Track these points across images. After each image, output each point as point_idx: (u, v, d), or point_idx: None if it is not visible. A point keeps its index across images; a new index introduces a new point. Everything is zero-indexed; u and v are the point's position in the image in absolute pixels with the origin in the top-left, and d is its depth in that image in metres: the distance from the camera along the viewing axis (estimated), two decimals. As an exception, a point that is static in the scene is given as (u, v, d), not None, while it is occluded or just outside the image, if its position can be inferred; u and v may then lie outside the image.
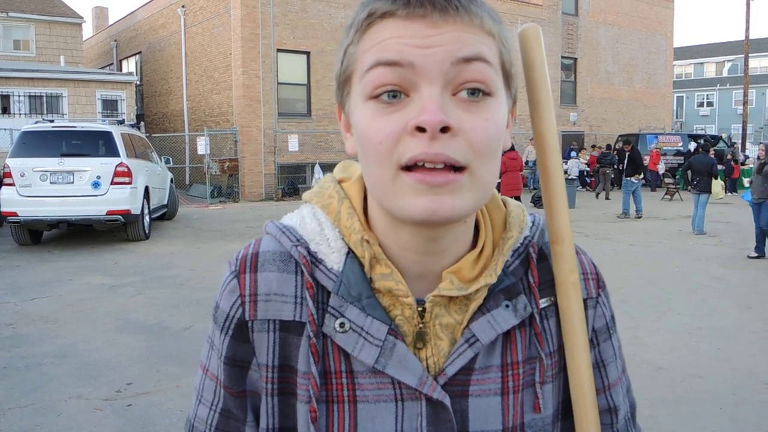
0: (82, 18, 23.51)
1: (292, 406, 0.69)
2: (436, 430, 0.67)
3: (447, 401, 0.67)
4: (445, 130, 0.59)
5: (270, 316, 0.69)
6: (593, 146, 22.68)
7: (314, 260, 0.70)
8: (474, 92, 0.61)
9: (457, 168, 0.60)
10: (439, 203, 0.60)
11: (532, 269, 0.73)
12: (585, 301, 0.76)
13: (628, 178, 13.85)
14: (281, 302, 0.69)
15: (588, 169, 21.32)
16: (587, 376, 0.73)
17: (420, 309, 0.68)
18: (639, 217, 13.67)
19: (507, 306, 0.70)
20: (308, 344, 0.68)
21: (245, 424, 0.73)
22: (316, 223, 0.71)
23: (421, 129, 0.58)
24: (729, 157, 20.94)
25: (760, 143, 9.61)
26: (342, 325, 0.67)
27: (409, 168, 0.60)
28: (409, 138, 0.60)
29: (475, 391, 0.69)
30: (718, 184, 12.44)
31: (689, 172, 11.70)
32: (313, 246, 0.70)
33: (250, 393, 0.72)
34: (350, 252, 0.69)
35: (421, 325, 0.68)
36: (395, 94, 0.61)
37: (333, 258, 0.69)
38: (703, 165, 11.24)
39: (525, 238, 0.74)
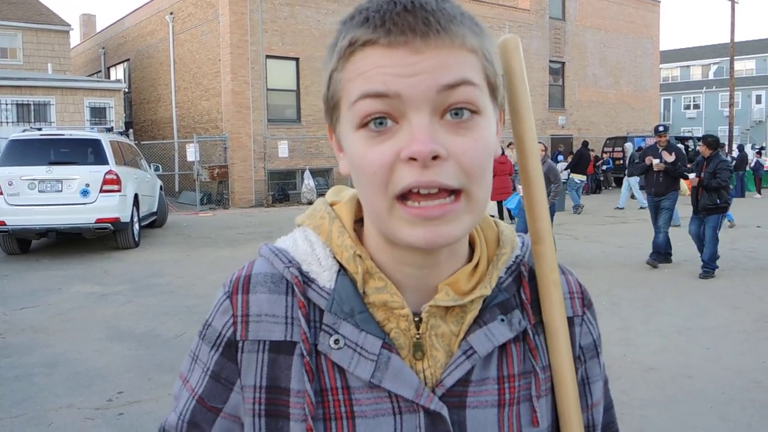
0: (69, 25, 23.39)
1: (281, 428, 0.69)
2: None
3: (445, 412, 0.67)
4: (436, 157, 0.60)
5: (260, 337, 0.70)
6: None
7: (306, 280, 0.71)
8: (458, 113, 0.61)
9: (452, 191, 0.61)
10: (437, 234, 0.62)
11: (524, 286, 0.75)
12: (571, 318, 0.78)
13: (571, 177, 15.39)
14: (272, 323, 0.70)
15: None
16: (570, 374, 0.74)
17: (416, 320, 0.69)
18: (578, 213, 14.92)
19: (502, 320, 0.71)
20: (301, 363, 0.68)
21: None
22: (307, 244, 0.73)
23: (413, 158, 0.60)
24: (756, 157, 21.49)
25: (539, 142, 9.38)
26: (337, 341, 0.68)
27: (404, 196, 0.61)
28: (402, 166, 0.61)
29: (473, 402, 0.70)
30: None
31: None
32: (305, 266, 0.71)
33: (226, 415, 0.73)
34: (342, 269, 0.71)
35: (417, 336, 0.69)
36: (382, 121, 0.61)
37: (324, 276, 0.70)
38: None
39: (516, 257, 0.76)
